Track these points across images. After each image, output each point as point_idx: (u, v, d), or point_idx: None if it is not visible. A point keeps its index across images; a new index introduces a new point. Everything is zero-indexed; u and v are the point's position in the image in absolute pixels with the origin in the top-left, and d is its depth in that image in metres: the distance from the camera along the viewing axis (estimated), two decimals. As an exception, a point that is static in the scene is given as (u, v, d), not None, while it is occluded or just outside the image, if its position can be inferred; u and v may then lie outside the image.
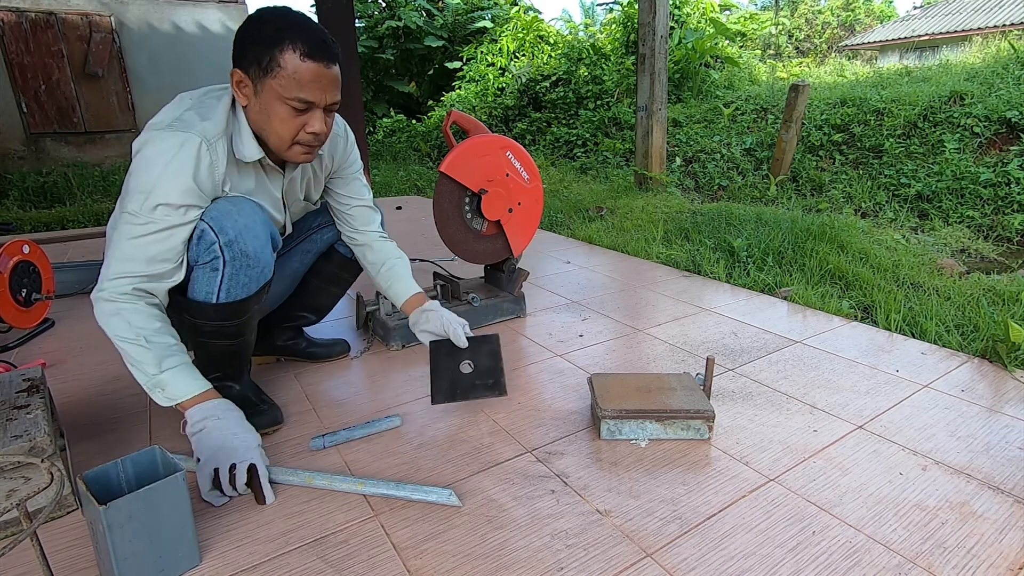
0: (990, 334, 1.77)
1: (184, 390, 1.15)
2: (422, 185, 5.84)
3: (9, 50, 6.41)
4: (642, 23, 4.34)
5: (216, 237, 1.16)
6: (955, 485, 1.15)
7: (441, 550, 1.00)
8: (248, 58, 1.13)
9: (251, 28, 1.14)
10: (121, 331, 1.11)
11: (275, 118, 1.16)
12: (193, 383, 1.16)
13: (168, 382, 1.13)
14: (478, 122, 1.96)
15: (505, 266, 2.15)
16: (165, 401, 1.15)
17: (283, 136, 1.18)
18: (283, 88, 1.12)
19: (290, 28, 1.11)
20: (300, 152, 1.22)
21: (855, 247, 2.75)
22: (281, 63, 1.11)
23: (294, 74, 1.11)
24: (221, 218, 1.17)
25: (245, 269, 1.22)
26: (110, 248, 1.14)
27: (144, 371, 1.12)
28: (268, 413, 1.37)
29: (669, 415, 1.30)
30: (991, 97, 4.64)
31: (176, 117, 1.14)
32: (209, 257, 1.18)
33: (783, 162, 4.70)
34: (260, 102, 1.16)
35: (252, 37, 1.13)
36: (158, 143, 1.11)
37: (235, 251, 1.18)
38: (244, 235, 1.19)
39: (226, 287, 1.21)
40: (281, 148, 1.21)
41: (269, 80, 1.12)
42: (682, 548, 0.99)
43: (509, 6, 11.05)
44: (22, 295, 2.04)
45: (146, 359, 1.12)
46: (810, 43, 19.89)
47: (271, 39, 1.11)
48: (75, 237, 3.87)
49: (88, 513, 0.90)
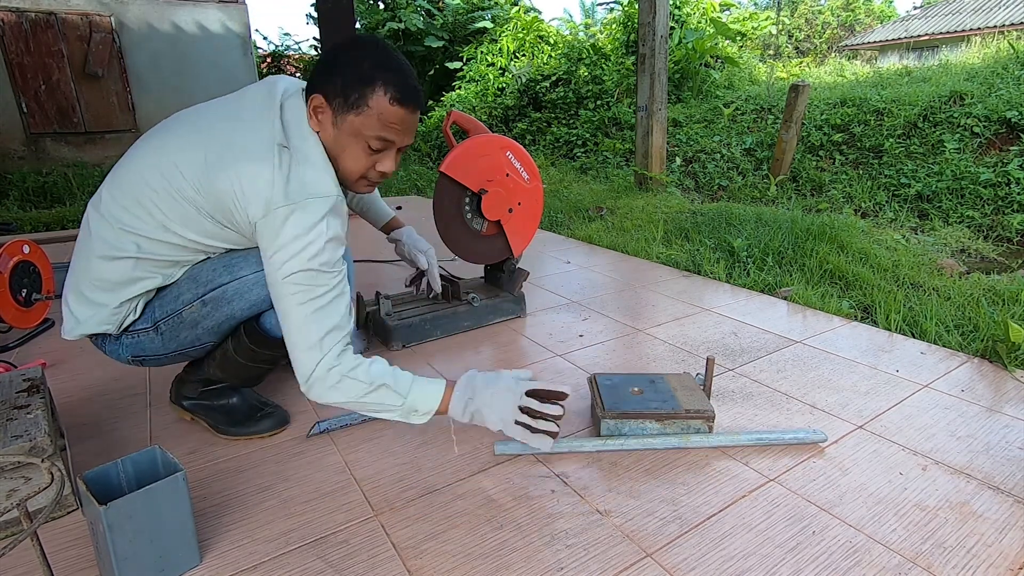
0: (990, 334, 1.77)
1: (433, 400, 1.15)
2: (422, 185, 5.84)
3: (9, 50, 6.41)
4: (642, 23, 4.34)
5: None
6: (955, 485, 1.15)
7: (441, 550, 1.00)
8: (335, 89, 1.10)
9: (345, 57, 1.11)
10: (357, 393, 1.10)
11: (349, 153, 1.14)
12: (433, 389, 1.16)
13: (418, 403, 1.14)
14: (478, 122, 1.96)
15: (505, 266, 2.15)
16: (424, 419, 1.16)
17: (354, 170, 1.17)
18: (365, 126, 1.11)
19: (385, 68, 1.10)
20: (364, 185, 1.22)
21: (855, 247, 2.75)
22: (370, 103, 1.09)
23: (380, 115, 1.10)
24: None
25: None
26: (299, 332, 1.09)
27: (394, 407, 1.13)
28: (275, 415, 1.38)
29: (669, 415, 1.30)
30: (991, 97, 4.64)
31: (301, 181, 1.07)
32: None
33: (783, 162, 4.70)
34: (338, 134, 1.13)
35: (344, 68, 1.10)
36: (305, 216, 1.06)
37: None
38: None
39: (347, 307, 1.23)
40: (348, 180, 1.19)
41: (352, 116, 1.10)
42: (682, 548, 0.99)
43: (509, 6, 11.05)
44: (22, 295, 2.04)
45: (389, 398, 1.12)
46: (810, 43, 19.89)
47: (366, 76, 1.09)
48: (75, 237, 3.87)
49: (88, 513, 0.90)
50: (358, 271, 2.72)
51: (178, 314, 1.21)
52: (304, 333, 1.08)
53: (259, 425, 1.35)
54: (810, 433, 1.28)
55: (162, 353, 1.26)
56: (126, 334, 1.24)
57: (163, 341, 1.24)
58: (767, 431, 1.30)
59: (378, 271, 2.79)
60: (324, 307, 1.09)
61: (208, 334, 1.25)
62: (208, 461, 1.27)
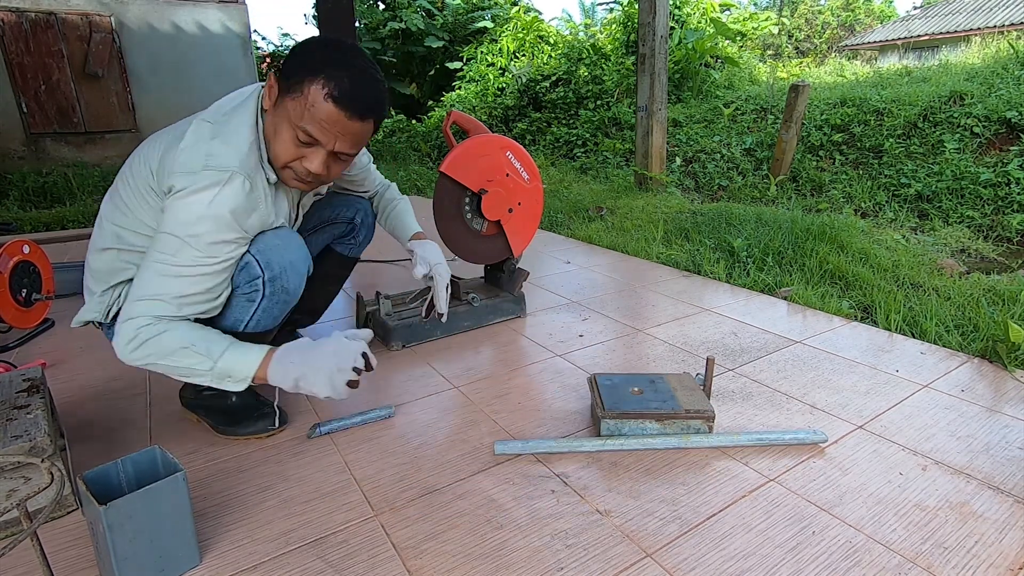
0: (990, 334, 1.77)
1: (248, 367, 1.09)
2: (422, 185, 5.84)
3: (9, 50, 6.41)
4: (642, 23, 4.34)
5: (261, 272, 1.17)
6: (955, 485, 1.15)
7: (441, 550, 1.00)
8: (286, 71, 1.12)
9: (306, 47, 1.13)
10: (160, 353, 1.06)
11: (279, 137, 1.14)
12: (250, 356, 1.10)
13: (231, 368, 1.08)
14: (478, 122, 1.96)
15: (505, 266, 2.15)
16: (240, 386, 1.10)
17: (279, 156, 1.15)
18: (295, 113, 1.10)
19: (335, 64, 1.09)
20: (291, 177, 1.19)
21: (855, 247, 2.75)
22: (305, 91, 1.09)
23: (311, 106, 1.09)
24: (268, 252, 1.17)
25: (280, 304, 1.24)
26: (139, 283, 1.09)
27: (203, 371, 1.08)
28: (271, 414, 1.38)
29: (669, 415, 1.30)
30: (991, 97, 4.64)
31: (207, 154, 1.09)
32: (249, 289, 1.19)
33: (783, 162, 4.70)
34: (275, 114, 1.14)
35: (300, 55, 1.12)
36: (198, 190, 1.06)
37: (276, 287, 1.20)
38: (288, 272, 1.21)
39: (257, 318, 1.23)
40: (276, 164, 1.17)
41: (288, 99, 1.11)
42: (682, 548, 0.99)
43: (509, 6, 11.05)
44: (22, 295, 2.04)
45: (197, 362, 1.07)
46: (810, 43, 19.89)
47: (312, 64, 1.09)
48: (75, 237, 3.87)
49: (88, 513, 0.90)
50: (358, 271, 2.72)
51: None
52: (137, 289, 1.08)
53: (257, 424, 1.35)
54: (810, 433, 1.28)
55: None
56: (115, 322, 1.27)
57: None
58: (767, 431, 1.30)
59: (378, 271, 2.79)
60: (171, 276, 1.07)
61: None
62: (208, 461, 1.27)
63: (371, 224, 1.68)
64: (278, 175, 1.20)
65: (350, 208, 1.62)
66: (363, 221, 1.65)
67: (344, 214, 1.61)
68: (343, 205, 1.62)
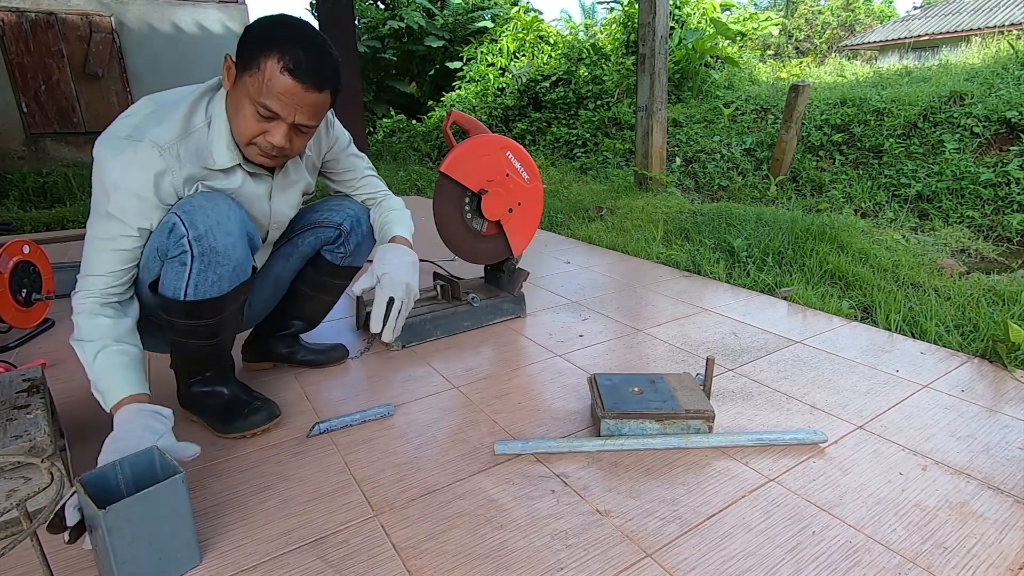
0: (990, 334, 1.77)
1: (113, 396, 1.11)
2: (422, 185, 5.84)
3: (9, 50, 6.41)
4: (642, 23, 4.34)
5: (185, 231, 1.14)
6: (955, 485, 1.15)
7: (441, 550, 1.00)
8: (240, 50, 1.16)
9: (259, 25, 1.16)
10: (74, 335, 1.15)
11: (240, 114, 1.18)
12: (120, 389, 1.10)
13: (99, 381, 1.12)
14: (478, 122, 1.96)
15: (505, 266, 2.15)
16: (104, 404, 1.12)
17: (243, 133, 1.19)
18: (253, 89, 1.13)
19: (288, 40, 1.11)
20: (256, 153, 1.22)
21: (855, 247, 2.75)
22: (261, 66, 1.12)
23: (268, 81, 1.12)
24: (193, 212, 1.15)
25: (214, 266, 1.18)
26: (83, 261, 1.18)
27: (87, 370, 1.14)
28: (264, 409, 1.36)
29: (669, 415, 1.30)
30: (991, 97, 4.64)
31: (134, 126, 1.14)
32: (178, 251, 1.15)
33: (783, 162, 4.70)
34: (234, 93, 1.18)
35: (252, 32, 1.15)
36: (111, 156, 1.11)
37: (204, 246, 1.15)
38: (215, 230, 1.16)
39: (194, 283, 1.18)
40: (240, 142, 1.21)
41: (246, 76, 1.14)
42: (682, 548, 0.99)
43: (509, 6, 11.05)
44: (22, 295, 2.04)
45: (82, 357, 1.14)
46: (810, 43, 19.89)
47: (266, 41, 1.12)
48: (75, 237, 3.87)
49: (87, 516, 0.89)
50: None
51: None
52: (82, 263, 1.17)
53: (248, 421, 1.34)
54: (810, 433, 1.28)
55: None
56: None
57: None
58: (767, 431, 1.30)
59: (378, 271, 2.78)
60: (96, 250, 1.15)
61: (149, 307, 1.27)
62: (208, 461, 1.27)
63: (364, 232, 1.57)
64: (244, 153, 1.24)
65: (339, 213, 1.53)
66: (353, 228, 1.54)
67: (332, 218, 1.53)
68: (332, 209, 1.54)
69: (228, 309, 1.27)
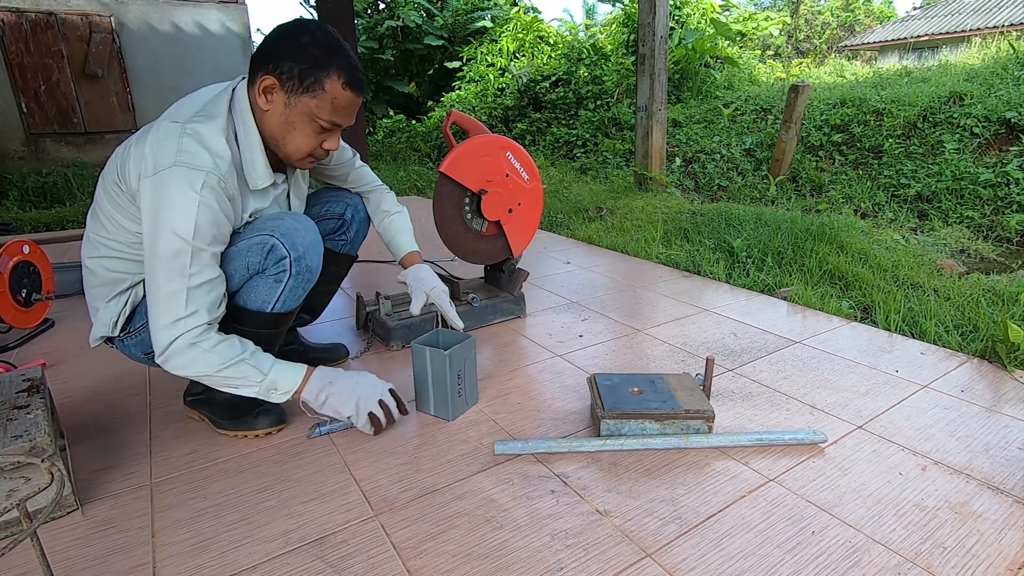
0: (989, 334, 1.77)
1: (294, 381, 1.23)
2: (422, 185, 5.84)
3: (9, 50, 6.41)
4: (642, 23, 4.34)
5: (287, 252, 1.22)
6: (955, 485, 1.15)
7: (441, 550, 1.00)
8: (288, 71, 1.15)
9: (294, 42, 1.15)
10: (215, 366, 1.15)
11: (299, 132, 1.21)
12: (294, 371, 1.24)
13: (279, 381, 1.21)
14: (478, 122, 1.96)
15: (505, 266, 2.15)
16: (284, 398, 1.23)
17: (302, 148, 1.23)
18: (319, 109, 1.18)
19: (337, 54, 1.17)
20: (310, 162, 1.29)
21: (855, 247, 2.75)
22: (326, 87, 1.16)
23: (334, 99, 1.18)
24: (291, 235, 1.22)
25: (305, 283, 1.29)
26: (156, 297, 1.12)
27: (254, 382, 1.19)
28: (272, 412, 1.38)
29: (669, 415, 1.30)
30: (990, 98, 4.64)
31: (176, 151, 1.10)
32: (276, 270, 1.23)
33: (783, 162, 4.70)
34: (288, 113, 1.19)
35: (297, 52, 1.15)
36: (176, 192, 1.08)
37: (302, 266, 1.25)
38: (311, 251, 1.26)
39: (284, 298, 1.27)
40: (294, 157, 1.25)
41: (307, 98, 1.17)
42: (682, 548, 0.99)
43: (509, 6, 11.05)
44: (22, 295, 2.04)
45: (250, 373, 1.18)
46: (810, 43, 19.90)
47: (319, 61, 1.15)
48: (75, 237, 3.87)
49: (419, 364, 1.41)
50: (359, 271, 2.72)
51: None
52: (166, 308, 1.11)
53: (256, 421, 1.36)
54: (810, 434, 1.28)
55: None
56: (128, 335, 1.29)
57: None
58: (767, 431, 1.30)
59: (378, 271, 2.79)
60: (192, 287, 1.11)
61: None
62: (208, 461, 1.27)
63: (363, 220, 1.65)
64: (295, 164, 1.27)
65: (339, 203, 1.60)
66: (353, 217, 1.62)
67: (333, 209, 1.60)
68: (333, 201, 1.60)
69: (295, 314, 1.37)
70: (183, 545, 1.02)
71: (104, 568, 0.97)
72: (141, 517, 1.10)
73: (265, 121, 1.21)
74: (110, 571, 0.97)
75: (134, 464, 1.26)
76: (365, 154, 4.30)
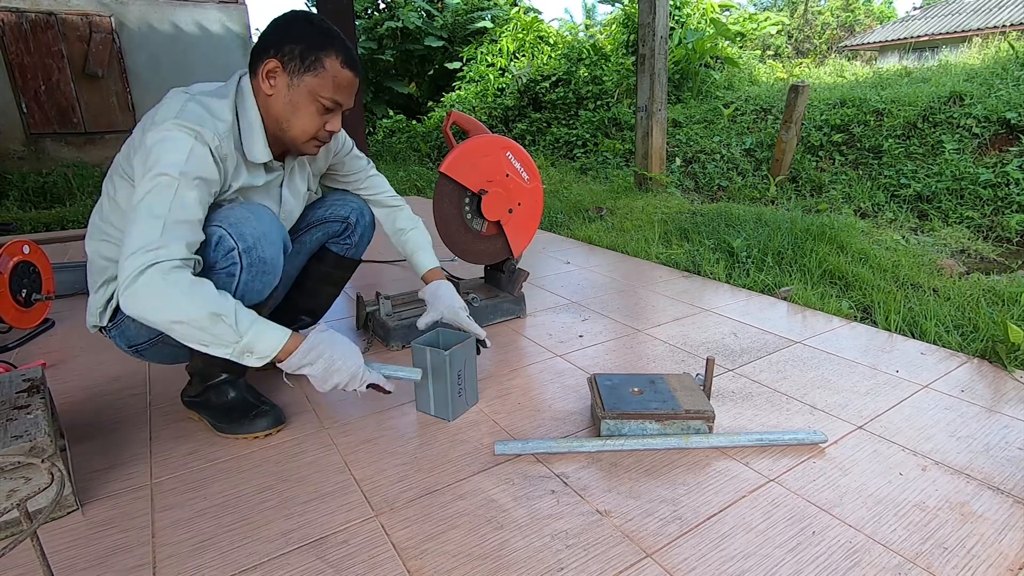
0: (990, 334, 1.77)
1: (273, 345, 1.10)
2: (422, 185, 5.84)
3: (9, 50, 6.41)
4: (642, 24, 4.34)
5: (235, 244, 1.17)
6: (955, 485, 1.15)
7: (441, 550, 1.00)
8: (290, 52, 1.19)
9: (296, 27, 1.21)
10: (182, 310, 1.01)
11: (303, 112, 1.23)
12: (276, 334, 1.10)
13: (255, 344, 1.08)
14: (478, 122, 1.96)
15: (505, 266, 2.15)
16: (259, 363, 1.10)
17: (307, 130, 1.25)
18: (321, 87, 1.21)
19: (335, 38, 1.22)
20: (314, 145, 1.30)
21: (855, 247, 2.75)
22: (326, 65, 1.20)
23: (335, 77, 1.21)
24: (240, 224, 1.18)
25: (260, 276, 1.23)
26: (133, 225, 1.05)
27: (228, 342, 1.06)
28: (271, 414, 1.38)
29: (669, 415, 1.30)
30: (990, 98, 4.64)
31: (179, 110, 1.13)
32: (226, 263, 1.18)
33: (783, 162, 4.70)
34: (292, 95, 1.22)
35: (297, 36, 1.20)
36: (171, 136, 1.09)
37: (253, 258, 1.19)
38: (262, 242, 1.20)
39: (240, 293, 1.21)
40: (299, 140, 1.26)
41: (309, 77, 1.20)
42: (682, 548, 0.99)
43: (509, 6, 11.05)
44: (22, 295, 2.04)
45: (225, 332, 1.05)
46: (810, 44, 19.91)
47: (319, 43, 1.20)
48: (75, 237, 3.87)
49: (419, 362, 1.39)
50: (359, 271, 2.72)
51: None
52: (139, 236, 1.02)
53: (254, 424, 1.35)
54: (810, 434, 1.28)
55: (144, 339, 1.30)
56: (114, 325, 1.30)
57: (137, 326, 1.27)
58: (767, 432, 1.30)
59: (378, 271, 2.79)
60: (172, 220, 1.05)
61: None
62: (208, 461, 1.27)
63: (368, 224, 1.65)
64: (299, 149, 1.29)
65: (345, 207, 1.60)
66: (358, 220, 1.61)
67: (338, 212, 1.59)
68: (338, 204, 1.60)
69: (263, 311, 1.32)
70: (183, 545, 1.02)
71: (104, 568, 0.97)
72: (141, 517, 1.10)
73: (270, 106, 1.23)
74: (110, 571, 0.97)
75: (134, 464, 1.26)
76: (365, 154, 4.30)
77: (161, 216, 1.05)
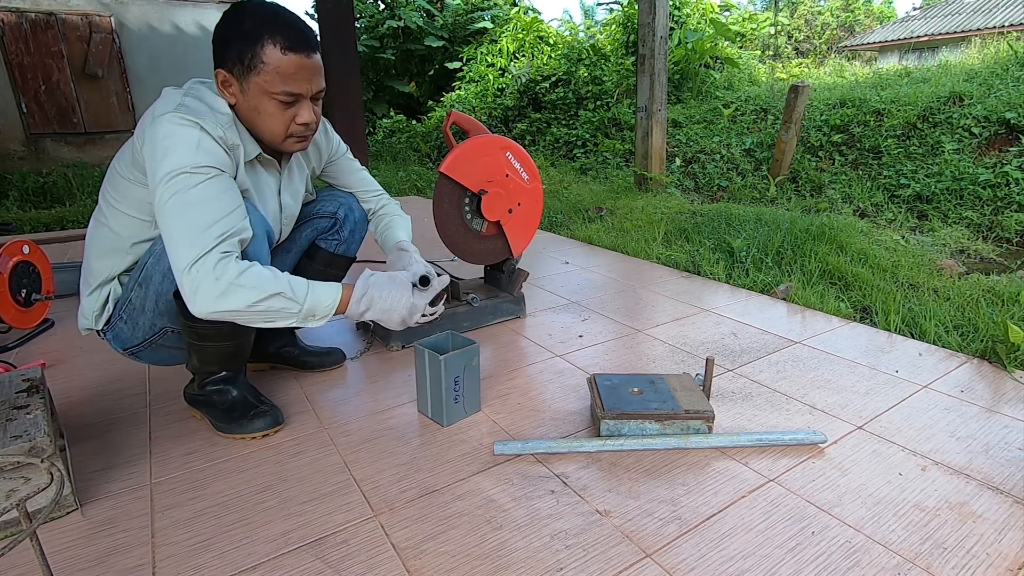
0: (989, 335, 1.77)
1: (330, 304, 1.14)
2: (422, 185, 5.84)
3: (9, 50, 6.41)
4: (642, 24, 4.34)
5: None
6: (954, 485, 1.15)
7: (440, 550, 1.00)
8: (230, 57, 1.14)
9: (229, 25, 1.14)
10: (248, 300, 1.05)
11: (264, 114, 1.18)
12: (330, 292, 1.15)
13: (316, 308, 1.13)
14: (478, 122, 1.96)
15: (505, 266, 2.15)
16: (322, 323, 1.15)
17: (275, 131, 1.21)
18: (268, 83, 1.14)
19: (268, 21, 1.12)
20: (294, 143, 1.25)
21: (854, 247, 2.75)
22: (265, 58, 1.12)
23: (277, 68, 1.13)
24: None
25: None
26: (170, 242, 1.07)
27: (291, 313, 1.10)
28: (269, 414, 1.37)
29: (669, 415, 1.30)
30: (990, 98, 4.64)
31: (178, 104, 1.12)
32: None
33: (782, 163, 4.70)
34: (248, 99, 1.17)
35: (231, 35, 1.14)
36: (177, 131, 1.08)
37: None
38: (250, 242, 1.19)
39: None
40: (275, 141, 1.23)
41: (253, 77, 1.14)
42: (682, 548, 0.99)
43: (509, 6, 11.05)
44: (22, 295, 2.04)
45: (286, 305, 1.09)
46: (809, 44, 19.91)
47: (251, 35, 1.12)
48: (75, 237, 3.87)
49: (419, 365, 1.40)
50: (357, 271, 2.72)
51: (129, 301, 1.26)
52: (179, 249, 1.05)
53: (252, 424, 1.35)
54: (810, 434, 1.28)
55: (139, 342, 1.31)
56: (108, 327, 1.30)
57: (130, 329, 1.28)
58: (767, 432, 1.30)
59: (378, 271, 2.78)
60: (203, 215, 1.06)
61: (157, 316, 1.27)
62: (208, 461, 1.27)
63: (358, 219, 1.62)
64: (281, 148, 1.25)
65: (332, 202, 1.58)
66: (346, 216, 1.59)
67: (326, 208, 1.58)
68: (325, 200, 1.59)
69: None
70: (183, 545, 1.02)
71: (104, 568, 0.97)
72: (141, 517, 1.10)
73: (240, 115, 1.21)
74: (110, 571, 0.97)
75: (134, 464, 1.26)
76: (365, 154, 4.29)
77: (193, 221, 1.05)
